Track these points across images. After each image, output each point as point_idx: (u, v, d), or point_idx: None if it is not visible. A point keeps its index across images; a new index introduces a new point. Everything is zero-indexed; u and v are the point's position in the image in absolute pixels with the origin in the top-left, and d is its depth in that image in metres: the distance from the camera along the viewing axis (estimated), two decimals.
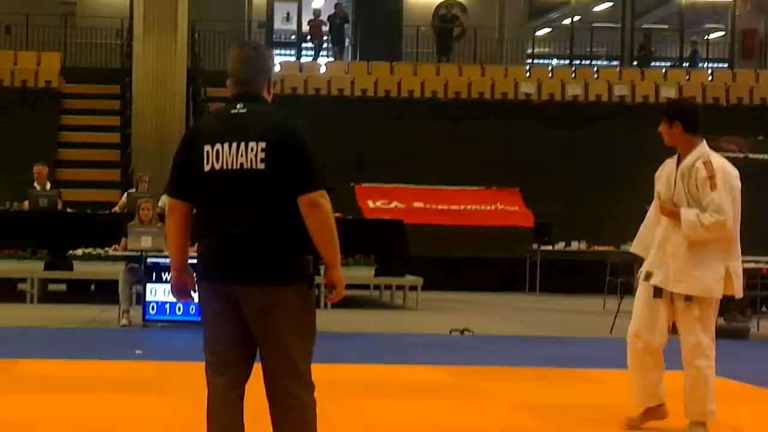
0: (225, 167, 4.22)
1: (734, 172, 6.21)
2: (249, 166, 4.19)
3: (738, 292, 6.24)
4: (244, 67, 4.37)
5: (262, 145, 4.18)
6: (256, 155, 4.18)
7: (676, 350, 6.29)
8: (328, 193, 4.18)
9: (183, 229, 4.39)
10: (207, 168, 4.25)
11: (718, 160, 6.19)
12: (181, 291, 4.47)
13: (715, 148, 23.92)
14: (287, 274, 4.20)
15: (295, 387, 4.29)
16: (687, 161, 6.20)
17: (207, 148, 4.26)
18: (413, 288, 15.48)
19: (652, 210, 6.46)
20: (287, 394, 4.28)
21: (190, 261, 4.44)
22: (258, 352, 4.34)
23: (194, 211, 4.39)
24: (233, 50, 4.46)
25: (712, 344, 6.33)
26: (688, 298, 6.16)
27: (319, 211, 4.14)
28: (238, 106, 4.32)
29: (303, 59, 27.98)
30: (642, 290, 6.38)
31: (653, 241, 6.34)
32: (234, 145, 4.21)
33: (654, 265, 6.28)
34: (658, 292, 6.24)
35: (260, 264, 4.19)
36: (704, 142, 6.27)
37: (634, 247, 6.55)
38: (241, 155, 4.19)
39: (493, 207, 20.21)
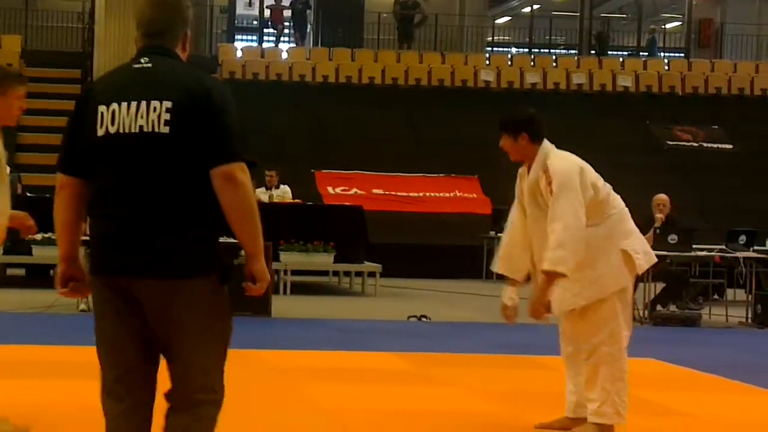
0: (121, 131, 3.49)
1: (572, 165, 5.71)
2: (149, 129, 3.46)
3: (640, 268, 5.82)
4: (156, 14, 3.65)
5: (168, 104, 3.46)
6: (159, 116, 3.46)
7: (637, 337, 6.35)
8: (249, 168, 3.49)
9: (74, 211, 3.67)
10: (100, 132, 3.52)
11: (555, 162, 5.71)
12: (68, 286, 3.77)
13: (671, 137, 24.13)
14: (194, 263, 3.49)
15: (198, 397, 3.58)
16: (532, 174, 5.80)
17: (101, 108, 3.53)
18: (372, 275, 15.52)
19: (516, 220, 5.98)
20: (188, 403, 3.58)
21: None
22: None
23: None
24: None
25: (611, 337, 5.78)
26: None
27: (235, 186, 3.43)
28: (142, 60, 3.60)
29: (265, 45, 28.02)
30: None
31: (524, 261, 5.88)
32: (133, 104, 3.49)
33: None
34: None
35: (161, 251, 3.47)
36: (544, 143, 5.84)
37: (501, 269, 5.96)
38: (141, 116, 3.48)
39: (451, 194, 20.36)
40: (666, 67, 27.12)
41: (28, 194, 15.93)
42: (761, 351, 10.70)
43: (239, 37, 30.02)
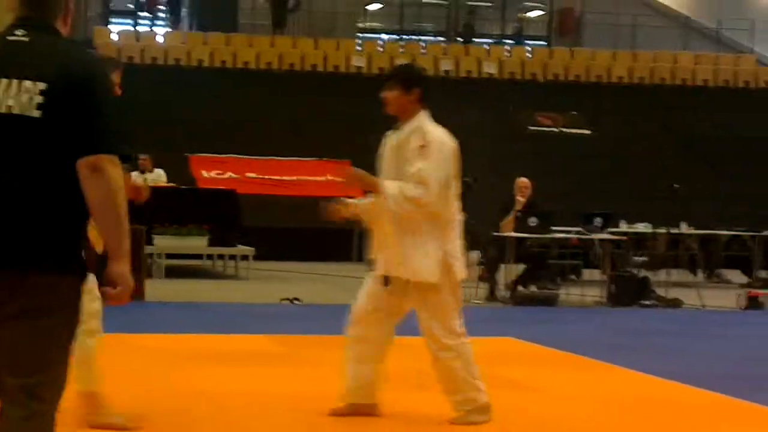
0: None
1: (452, 145, 5.73)
2: (20, 111, 3.14)
3: (459, 273, 5.80)
4: None
5: (42, 86, 3.13)
6: (31, 98, 3.13)
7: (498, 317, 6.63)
8: (123, 161, 3.20)
9: None
10: None
11: (436, 131, 5.72)
12: None
13: (533, 123, 24.83)
14: (59, 258, 3.18)
15: (39, 406, 3.21)
16: (404, 132, 5.75)
17: None
18: (245, 258, 15.71)
19: None
20: (26, 413, 3.20)
21: None
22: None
23: None
24: None
25: (453, 333, 5.83)
26: (408, 283, 5.78)
27: (100, 178, 3.12)
28: (18, 32, 3.23)
29: (140, 28, 27.95)
30: (368, 278, 6.04)
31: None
32: (3, 81, 3.17)
33: (377, 251, 5.91)
34: (386, 281, 5.83)
35: (22, 242, 3.14)
36: (426, 113, 5.80)
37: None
38: (12, 96, 3.15)
39: (323, 178, 20.64)
40: (529, 55, 27.87)
41: None
42: (614, 329, 11.09)
43: (115, 20, 29.85)
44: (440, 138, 5.70)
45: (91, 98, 3.16)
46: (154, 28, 27.63)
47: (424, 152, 5.58)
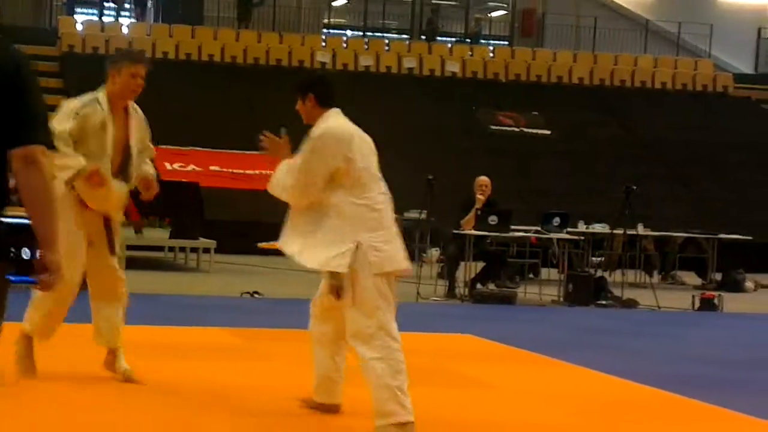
0: None
1: (337, 136, 5.57)
2: None
3: (375, 266, 5.40)
4: None
5: None
6: None
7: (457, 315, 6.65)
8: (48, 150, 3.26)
9: None
10: None
11: (325, 124, 5.61)
12: None
13: (494, 122, 25.00)
14: None
15: None
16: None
17: None
18: (207, 251, 15.77)
19: None
20: None
21: None
22: None
23: None
24: None
25: (381, 329, 5.40)
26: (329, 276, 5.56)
27: (35, 170, 3.18)
28: None
29: (105, 18, 27.89)
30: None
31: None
32: None
33: (288, 239, 5.69)
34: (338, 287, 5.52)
35: None
36: (332, 111, 5.70)
37: None
38: None
39: None
40: (491, 55, 28.08)
41: None
42: (570, 327, 11.23)
43: (80, 10, 29.75)
44: (323, 131, 5.57)
45: (19, 88, 3.18)
46: (119, 19, 27.57)
47: (304, 147, 5.57)
